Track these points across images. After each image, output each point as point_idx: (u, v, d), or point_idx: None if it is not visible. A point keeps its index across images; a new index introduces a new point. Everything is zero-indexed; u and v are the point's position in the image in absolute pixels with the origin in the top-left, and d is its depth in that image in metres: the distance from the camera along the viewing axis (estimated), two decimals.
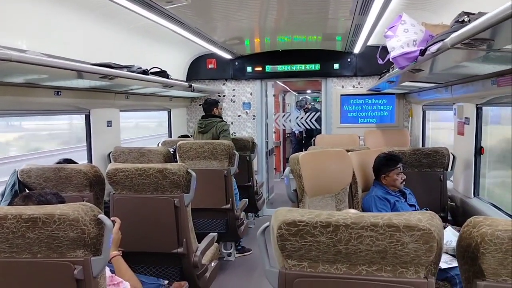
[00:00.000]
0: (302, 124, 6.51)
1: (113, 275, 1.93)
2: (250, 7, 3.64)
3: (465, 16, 1.99)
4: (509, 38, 1.56)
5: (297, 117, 6.58)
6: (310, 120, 6.46)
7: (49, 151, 9.28)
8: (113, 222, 2.18)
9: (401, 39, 2.53)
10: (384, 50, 2.78)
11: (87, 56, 3.29)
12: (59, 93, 3.27)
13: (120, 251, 2.17)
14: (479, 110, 3.45)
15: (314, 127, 6.53)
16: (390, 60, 2.65)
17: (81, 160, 3.71)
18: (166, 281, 2.50)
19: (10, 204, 2.53)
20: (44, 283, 1.60)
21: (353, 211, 1.45)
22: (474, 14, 1.96)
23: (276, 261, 1.56)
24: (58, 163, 3.07)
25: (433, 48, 2.13)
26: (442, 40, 1.99)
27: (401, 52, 2.53)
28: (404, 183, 3.17)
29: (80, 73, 2.78)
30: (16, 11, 2.72)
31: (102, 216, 1.57)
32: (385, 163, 3.15)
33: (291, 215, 1.44)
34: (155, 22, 3.51)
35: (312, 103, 9.14)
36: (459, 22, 1.99)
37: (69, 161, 3.16)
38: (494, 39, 1.57)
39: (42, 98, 3.17)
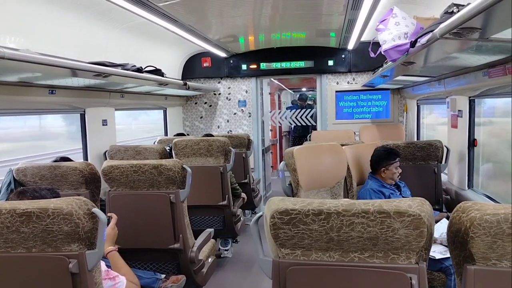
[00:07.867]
0: (297, 120, 6.48)
1: (109, 269, 1.94)
2: (244, 3, 3.64)
3: (454, 7, 2.01)
4: (496, 26, 1.58)
5: (292, 114, 6.53)
6: (305, 117, 6.44)
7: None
8: (110, 218, 2.19)
9: (393, 32, 2.55)
10: (376, 45, 2.80)
11: (81, 56, 3.29)
12: (54, 92, 3.27)
13: (116, 247, 2.18)
14: (471, 103, 3.47)
15: (309, 124, 6.51)
16: (382, 53, 2.67)
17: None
18: (163, 275, 2.51)
19: None
20: (40, 277, 1.61)
21: (345, 200, 1.46)
22: (463, 5, 1.97)
23: (270, 250, 1.58)
24: (54, 161, 3.08)
25: (423, 40, 2.15)
26: (431, 31, 2.01)
27: (392, 45, 2.55)
28: (400, 176, 3.19)
29: (74, 71, 2.78)
30: (6, 10, 2.71)
31: (96, 209, 1.58)
32: (385, 157, 3.14)
33: (283, 204, 1.45)
34: (149, 20, 3.51)
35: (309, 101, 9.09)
36: (448, 13, 2.01)
37: (66, 159, 3.17)
38: (481, 27, 1.58)
39: (36, 97, 3.17)
